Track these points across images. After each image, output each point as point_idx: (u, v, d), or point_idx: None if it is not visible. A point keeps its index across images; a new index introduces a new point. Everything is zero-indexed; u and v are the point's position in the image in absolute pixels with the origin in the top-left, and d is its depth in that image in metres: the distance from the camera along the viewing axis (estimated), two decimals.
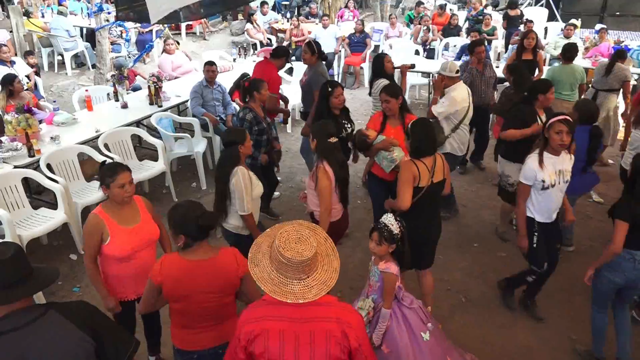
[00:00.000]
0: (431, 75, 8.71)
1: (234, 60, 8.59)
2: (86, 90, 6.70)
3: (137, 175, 5.39)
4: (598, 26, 10.94)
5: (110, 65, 8.38)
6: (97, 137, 5.42)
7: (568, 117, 3.46)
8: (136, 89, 7.57)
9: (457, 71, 5.03)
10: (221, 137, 3.49)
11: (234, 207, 3.50)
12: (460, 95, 4.92)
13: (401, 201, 3.37)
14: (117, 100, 6.48)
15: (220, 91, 6.51)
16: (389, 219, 2.99)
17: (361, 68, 10.23)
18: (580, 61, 8.85)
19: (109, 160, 3.35)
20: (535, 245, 3.69)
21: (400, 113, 4.17)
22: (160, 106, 6.35)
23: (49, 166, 4.87)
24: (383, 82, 4.96)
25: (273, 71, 5.79)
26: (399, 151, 4.10)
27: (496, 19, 11.45)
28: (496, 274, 4.46)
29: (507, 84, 7.29)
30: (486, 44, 9.81)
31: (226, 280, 2.48)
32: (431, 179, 3.40)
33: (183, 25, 12.08)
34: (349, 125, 4.65)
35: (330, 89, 4.46)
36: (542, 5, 13.47)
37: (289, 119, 7.08)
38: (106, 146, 5.38)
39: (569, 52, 6.27)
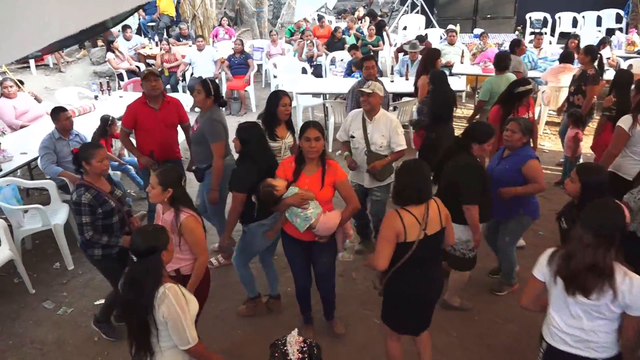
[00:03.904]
0: (323, 96, 8.06)
1: (96, 97, 7.24)
2: None
3: None
4: (478, 30, 11.09)
5: None
6: None
7: None
8: None
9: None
10: (131, 246, 2.42)
11: (168, 344, 2.45)
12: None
13: (377, 259, 2.87)
14: None
15: (80, 141, 5.24)
16: (292, 340, 2.23)
17: (246, 91, 9.31)
18: (469, 68, 8.73)
19: None
20: None
21: (319, 158, 3.34)
22: None
23: None
24: None
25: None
26: (315, 206, 3.29)
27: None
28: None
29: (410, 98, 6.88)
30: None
31: None
32: (424, 232, 2.84)
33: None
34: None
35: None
36: (417, 12, 13.48)
37: None
38: None
39: (503, 61, 5.93)
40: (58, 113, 4.97)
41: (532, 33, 12.58)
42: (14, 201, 4.73)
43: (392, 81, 7.75)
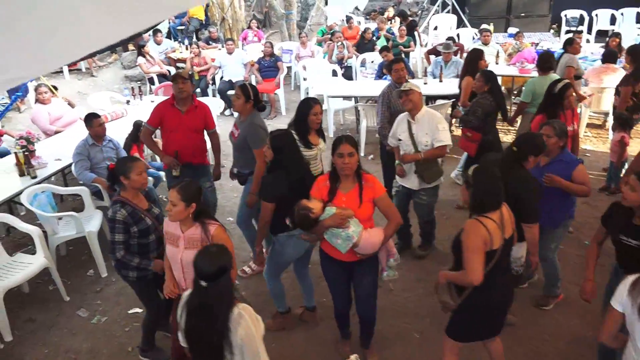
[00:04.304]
0: (354, 99, 7.92)
1: (127, 102, 7.24)
2: None
3: (10, 279, 4.06)
4: (512, 30, 10.78)
5: None
6: None
7: None
8: (3, 153, 6.04)
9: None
10: (199, 271, 2.26)
11: None
12: None
13: (472, 274, 2.69)
14: None
15: (113, 147, 5.24)
16: None
17: (276, 94, 9.23)
18: (505, 69, 8.48)
19: None
20: None
21: (355, 173, 3.17)
22: (34, 177, 4.95)
23: None
24: None
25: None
26: (356, 224, 3.09)
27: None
28: None
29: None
30: (403, 56, 9.32)
31: None
32: (503, 237, 2.76)
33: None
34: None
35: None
36: (448, 12, 13.22)
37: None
38: None
39: (547, 62, 5.69)
40: (91, 119, 4.95)
41: (567, 31, 12.24)
42: (49, 208, 4.74)
43: (426, 83, 7.54)
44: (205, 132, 4.88)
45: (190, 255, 2.84)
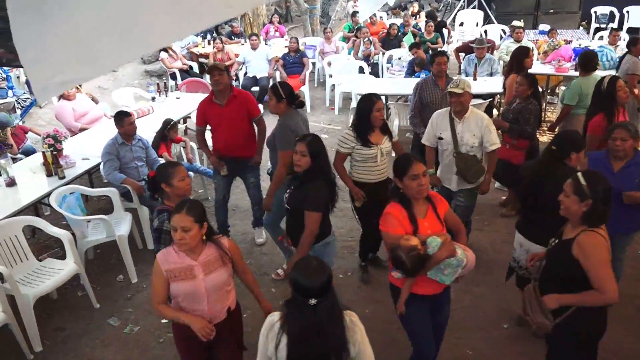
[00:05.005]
0: (385, 97, 7.66)
1: (153, 99, 7.04)
2: None
3: (40, 287, 3.87)
4: (544, 27, 10.45)
5: None
6: None
7: None
8: (28, 151, 5.86)
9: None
10: (308, 291, 2.03)
11: None
12: None
13: (611, 291, 2.45)
14: None
15: (142, 146, 5.04)
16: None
17: (301, 91, 8.98)
18: (540, 67, 8.16)
19: None
20: None
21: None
22: (62, 177, 4.75)
23: None
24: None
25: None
26: (459, 250, 2.75)
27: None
28: None
29: None
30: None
31: None
32: None
33: None
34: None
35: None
36: (474, 8, 12.89)
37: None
38: None
39: (591, 61, 5.43)
40: (122, 118, 4.75)
41: (597, 29, 11.88)
42: (78, 210, 4.54)
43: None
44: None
45: (214, 280, 2.64)
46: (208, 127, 4.75)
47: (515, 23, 9.58)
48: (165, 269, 2.60)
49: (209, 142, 4.88)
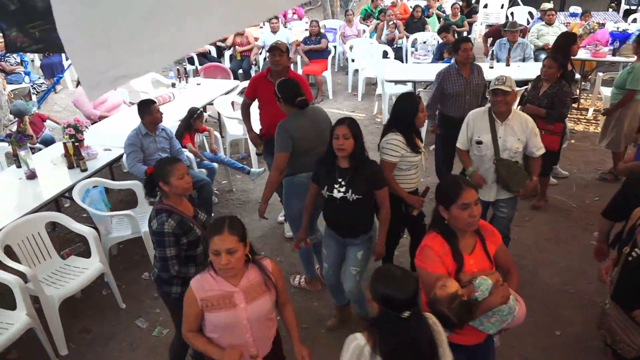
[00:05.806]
0: (412, 84, 7.34)
1: (173, 85, 6.78)
2: None
3: (65, 287, 3.68)
4: (576, 9, 10.03)
5: (7, 108, 6.25)
6: None
7: None
8: (47, 141, 5.64)
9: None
10: (400, 301, 1.87)
11: None
12: None
13: None
14: (18, 166, 4.59)
15: (166, 137, 4.80)
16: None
17: (323, 76, 8.68)
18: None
19: None
20: None
21: None
22: (85, 169, 4.53)
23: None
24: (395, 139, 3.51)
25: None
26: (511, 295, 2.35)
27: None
28: None
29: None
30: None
31: None
32: None
33: None
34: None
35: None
36: None
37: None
38: (7, 249, 3.60)
39: None
40: (149, 106, 4.52)
41: (627, 11, 11.44)
42: (102, 205, 4.32)
43: (492, 67, 6.93)
44: None
45: (257, 309, 2.28)
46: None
47: (545, 5, 9.18)
48: (201, 298, 2.25)
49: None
